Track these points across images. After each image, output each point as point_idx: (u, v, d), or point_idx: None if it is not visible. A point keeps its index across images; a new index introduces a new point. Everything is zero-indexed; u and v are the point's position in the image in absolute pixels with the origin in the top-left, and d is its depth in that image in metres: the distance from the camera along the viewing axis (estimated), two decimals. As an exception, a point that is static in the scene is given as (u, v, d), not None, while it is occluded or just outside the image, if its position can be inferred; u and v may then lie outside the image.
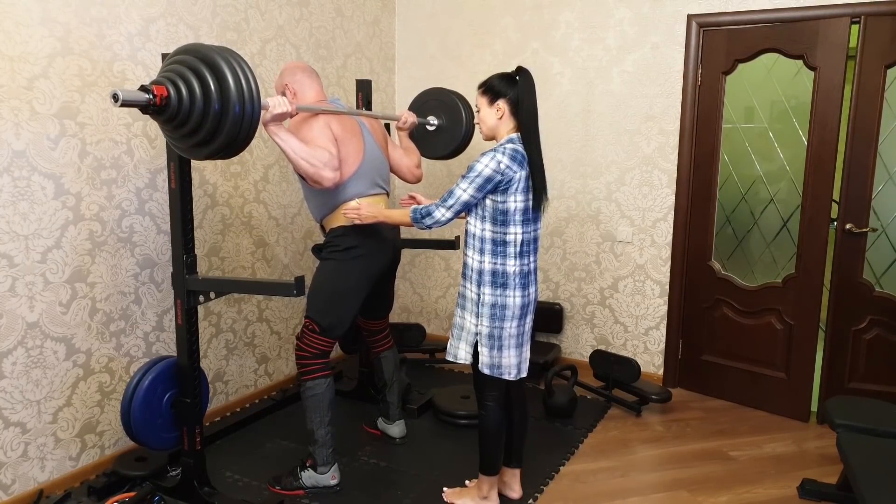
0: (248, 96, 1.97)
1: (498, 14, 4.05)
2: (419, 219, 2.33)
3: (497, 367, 2.37)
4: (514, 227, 2.28)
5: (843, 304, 3.30)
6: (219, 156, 2.06)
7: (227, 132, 1.96)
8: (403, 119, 2.99)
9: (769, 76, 3.43)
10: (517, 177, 2.23)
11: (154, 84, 1.97)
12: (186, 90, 1.95)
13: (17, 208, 2.39)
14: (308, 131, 2.47)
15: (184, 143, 2.07)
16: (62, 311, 2.57)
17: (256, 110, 2.00)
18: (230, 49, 2.02)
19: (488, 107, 2.32)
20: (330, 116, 2.55)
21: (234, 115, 1.94)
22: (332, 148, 2.44)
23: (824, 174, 3.25)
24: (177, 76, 1.97)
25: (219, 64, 1.94)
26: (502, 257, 2.30)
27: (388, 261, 2.78)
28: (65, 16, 2.48)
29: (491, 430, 2.45)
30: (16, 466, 2.49)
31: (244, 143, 2.03)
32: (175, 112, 1.98)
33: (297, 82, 2.66)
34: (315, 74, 2.72)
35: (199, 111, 1.95)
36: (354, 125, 2.66)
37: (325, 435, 2.63)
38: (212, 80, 1.94)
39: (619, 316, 3.93)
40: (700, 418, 3.45)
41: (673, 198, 3.68)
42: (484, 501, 2.54)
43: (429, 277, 4.51)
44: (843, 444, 2.31)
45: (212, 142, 2.00)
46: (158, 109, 1.98)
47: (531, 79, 2.29)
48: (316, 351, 2.62)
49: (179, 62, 2.00)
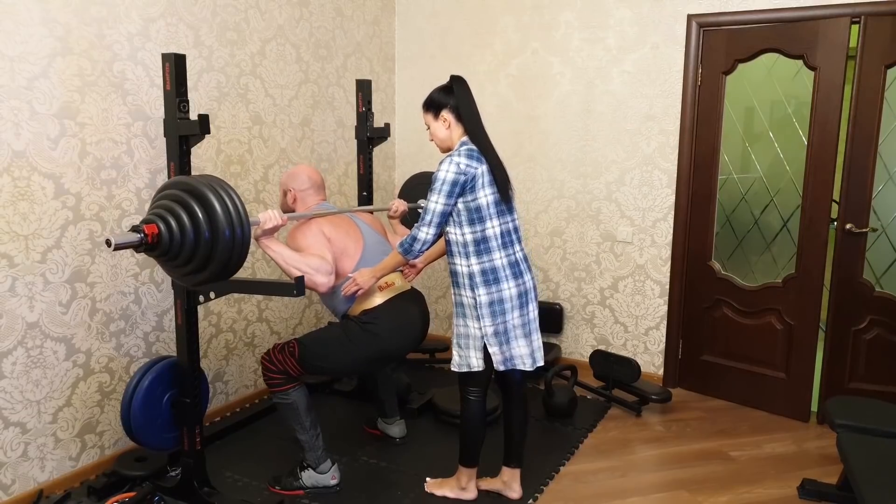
0: (237, 220, 2.05)
1: (498, 14, 4.05)
2: (408, 249, 2.40)
3: (510, 360, 2.41)
4: (491, 220, 2.34)
5: (843, 304, 3.30)
6: (217, 278, 2.13)
7: (220, 257, 2.05)
8: (394, 208, 3.02)
9: (769, 76, 3.43)
10: (479, 171, 2.31)
11: (144, 223, 2.05)
12: (176, 224, 2.04)
13: (17, 208, 2.39)
14: (302, 239, 2.54)
15: (178, 273, 2.15)
16: (62, 311, 2.57)
17: (246, 232, 2.09)
18: (214, 177, 2.11)
19: (435, 121, 2.43)
20: (322, 220, 2.61)
21: (225, 239, 2.03)
22: (325, 254, 2.50)
23: (824, 174, 3.25)
24: (166, 212, 2.06)
25: (205, 193, 2.03)
26: (487, 254, 2.35)
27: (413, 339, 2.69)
28: (65, 16, 2.48)
29: (472, 423, 2.52)
30: (16, 466, 2.49)
31: (238, 263, 2.11)
32: (167, 247, 2.06)
33: (303, 193, 2.75)
34: (322, 189, 2.81)
35: (191, 242, 2.04)
36: (346, 220, 2.72)
37: (310, 439, 2.62)
38: (199, 209, 2.02)
39: (619, 316, 3.93)
40: (700, 418, 3.45)
41: (673, 198, 3.68)
42: (462, 492, 2.61)
43: (429, 277, 4.51)
44: (843, 444, 2.31)
45: (206, 268, 2.08)
46: (151, 247, 2.06)
47: (465, 84, 2.41)
48: (282, 369, 2.57)
49: (166, 197, 2.09)
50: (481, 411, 2.51)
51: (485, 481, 2.68)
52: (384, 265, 2.53)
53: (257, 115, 3.37)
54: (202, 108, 3.05)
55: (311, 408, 2.64)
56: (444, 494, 2.63)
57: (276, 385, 2.58)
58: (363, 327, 2.55)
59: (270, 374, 2.58)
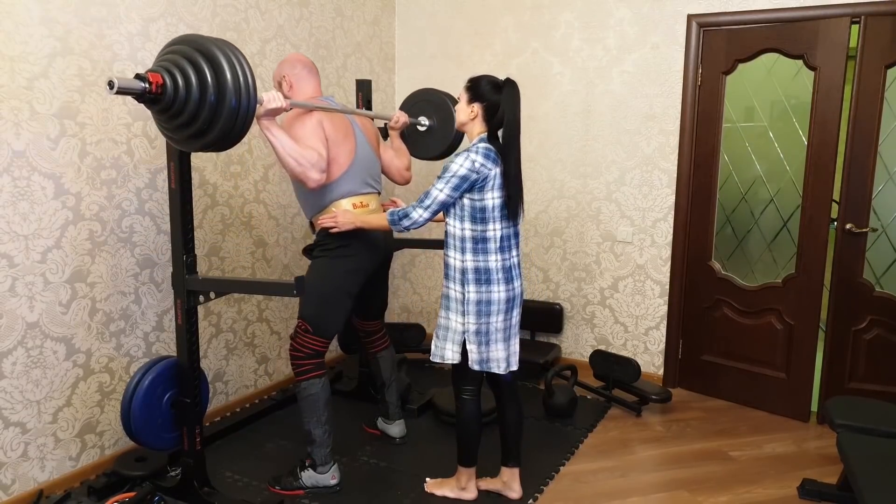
0: (245, 89, 1.95)
1: (498, 14, 4.05)
2: (397, 221, 2.38)
3: (486, 362, 2.42)
4: (494, 223, 2.34)
5: (843, 304, 3.30)
6: (212, 148, 2.05)
7: (222, 125, 1.96)
8: (395, 118, 2.99)
9: (769, 76, 3.43)
10: (492, 174, 2.29)
11: (150, 72, 1.95)
12: (183, 80, 1.93)
13: (17, 208, 2.39)
14: (301, 129, 2.47)
15: (178, 134, 2.06)
16: (62, 311, 2.57)
17: (252, 104, 1.99)
18: (227, 41, 2.01)
19: (466, 104, 2.39)
20: (323, 115, 2.55)
21: (230, 107, 1.93)
22: (321, 149, 2.44)
23: (824, 174, 3.25)
24: (173, 66, 1.95)
25: (216, 55, 1.93)
26: (483, 254, 2.35)
27: (379, 259, 2.78)
28: (65, 16, 2.48)
29: (468, 423, 2.52)
30: (16, 466, 2.49)
31: (238, 136, 2.03)
32: (171, 102, 1.96)
33: (295, 75, 2.66)
34: (315, 71, 2.72)
35: (195, 102, 1.94)
36: (347, 124, 2.66)
37: (322, 435, 2.62)
38: (209, 71, 1.92)
39: (619, 316, 3.93)
40: (700, 418, 3.45)
41: (673, 198, 3.68)
42: (462, 492, 2.62)
43: (429, 277, 4.51)
44: (843, 444, 2.31)
45: (206, 134, 1.99)
46: (154, 98, 1.96)
47: (516, 92, 2.32)
48: (309, 351, 2.61)
49: (176, 52, 1.98)
50: (476, 410, 2.52)
51: (484, 481, 2.68)
52: (368, 220, 2.53)
53: (257, 115, 3.37)
54: (202, 108, 3.05)
55: (330, 404, 2.65)
56: (444, 494, 2.64)
57: (306, 372, 2.59)
58: (338, 251, 2.60)
59: (300, 361, 2.60)
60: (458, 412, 2.54)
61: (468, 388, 2.50)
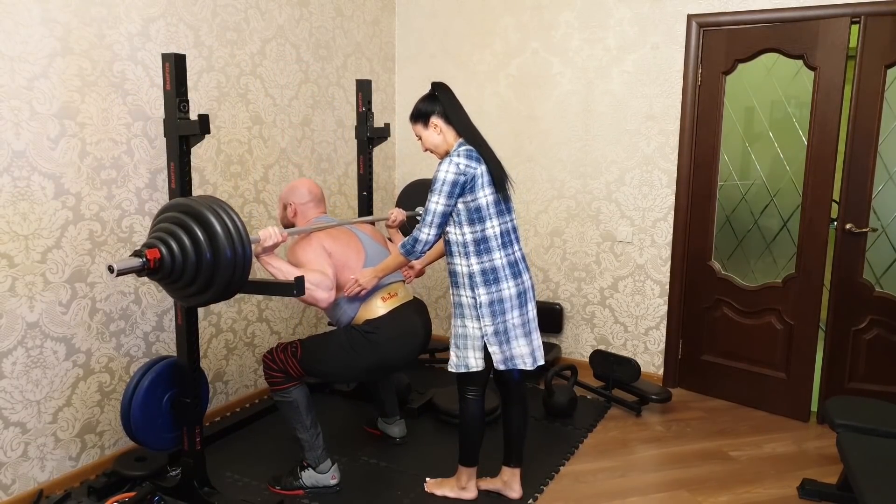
0: (238, 240, 2.07)
1: (498, 14, 4.05)
2: (409, 250, 2.40)
3: (511, 360, 2.42)
4: (491, 220, 2.35)
5: (843, 304, 3.30)
6: (219, 298, 2.14)
7: (222, 277, 2.06)
8: (393, 217, 3.01)
9: (769, 76, 3.43)
10: (478, 172, 2.32)
11: (146, 248, 2.06)
12: (178, 247, 2.05)
13: (17, 208, 2.39)
14: (302, 255, 2.53)
15: (181, 294, 2.16)
16: (62, 311, 2.57)
17: (248, 251, 2.10)
18: (213, 197, 2.12)
19: (426, 130, 2.43)
20: (322, 235, 2.60)
21: (227, 260, 2.04)
22: (326, 269, 2.48)
23: (824, 174, 3.25)
24: (167, 235, 2.07)
25: (204, 215, 2.04)
26: (487, 254, 2.35)
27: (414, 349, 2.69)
28: (65, 16, 2.48)
29: (470, 423, 2.53)
30: (16, 466, 2.49)
31: (240, 283, 2.12)
32: (170, 270, 2.07)
33: (303, 206, 2.76)
34: (322, 202, 2.81)
35: (193, 264, 2.05)
36: (346, 233, 2.71)
37: (310, 438, 2.62)
38: (200, 231, 2.03)
39: (619, 316, 3.93)
40: (700, 418, 3.45)
41: (673, 198, 3.68)
42: (462, 492, 2.62)
43: (429, 277, 4.51)
44: (843, 444, 2.31)
45: (209, 289, 2.09)
46: (153, 271, 2.07)
47: (448, 88, 2.42)
48: (284, 370, 2.58)
49: (167, 220, 2.10)
50: (480, 411, 2.52)
51: (485, 481, 2.68)
52: (385, 265, 2.55)
53: (257, 115, 3.37)
54: (202, 108, 3.05)
55: (312, 407, 2.64)
56: (444, 494, 2.64)
57: (276, 383, 2.59)
58: (366, 336, 2.55)
59: (271, 372, 2.59)
60: (461, 412, 2.54)
61: (472, 388, 2.50)
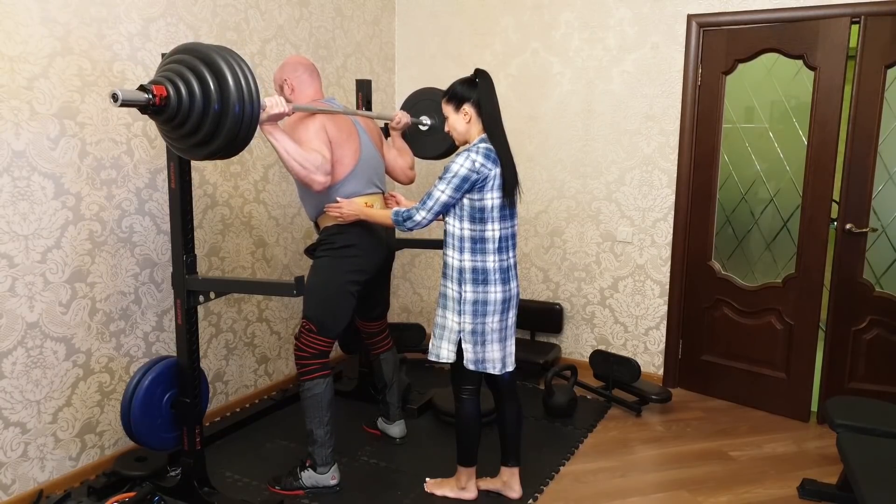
0: (248, 96, 1.96)
1: (498, 14, 4.05)
2: (401, 221, 2.39)
3: (481, 362, 2.42)
4: (492, 223, 2.35)
5: (843, 304, 3.30)
6: (218, 156, 2.06)
7: (227, 132, 1.96)
8: (397, 119, 2.99)
9: (769, 76, 3.42)
10: (492, 174, 2.30)
11: (153, 84, 1.95)
12: (186, 90, 1.94)
13: (17, 208, 2.39)
14: (304, 132, 2.47)
15: (183, 143, 2.06)
16: (62, 311, 2.57)
17: (256, 110, 2.00)
18: (229, 49, 2.01)
19: (455, 113, 2.40)
20: (326, 118, 2.55)
21: (234, 114, 1.94)
22: (325, 151, 2.44)
23: (824, 174, 3.25)
24: (176, 76, 1.96)
25: (218, 63, 1.94)
26: (482, 254, 2.36)
27: (381, 259, 2.78)
28: (65, 16, 2.48)
29: (466, 423, 2.53)
30: (16, 466, 2.49)
31: (244, 143, 2.03)
32: (174, 112, 1.96)
33: (297, 78, 2.67)
34: (316, 73, 2.73)
35: (199, 111, 1.94)
36: (350, 125, 2.66)
37: (324, 435, 2.63)
38: (211, 80, 1.93)
39: (619, 316, 3.93)
40: (700, 418, 3.45)
41: (673, 198, 3.68)
42: (462, 492, 2.62)
43: (429, 277, 4.51)
44: (843, 444, 2.31)
45: (211, 142, 1.99)
46: (158, 109, 1.97)
47: (490, 80, 2.37)
48: (314, 351, 2.61)
49: (178, 61, 1.99)
50: (475, 410, 2.52)
51: (484, 481, 2.68)
52: (371, 214, 2.55)
53: (257, 115, 3.36)
54: (202, 108, 3.05)
55: (333, 405, 2.66)
56: (444, 494, 2.64)
57: (311, 372, 2.60)
58: (339, 251, 2.60)
59: (306, 361, 2.60)
60: (457, 412, 2.55)
61: (467, 387, 2.50)
